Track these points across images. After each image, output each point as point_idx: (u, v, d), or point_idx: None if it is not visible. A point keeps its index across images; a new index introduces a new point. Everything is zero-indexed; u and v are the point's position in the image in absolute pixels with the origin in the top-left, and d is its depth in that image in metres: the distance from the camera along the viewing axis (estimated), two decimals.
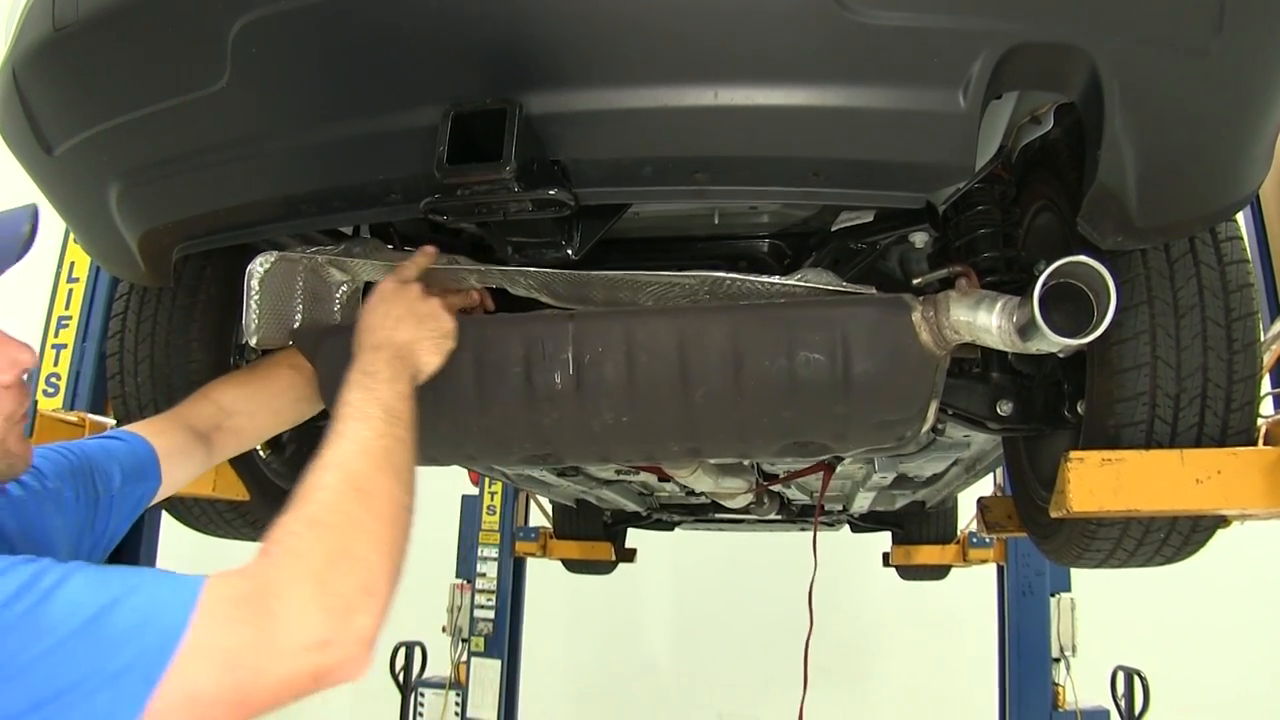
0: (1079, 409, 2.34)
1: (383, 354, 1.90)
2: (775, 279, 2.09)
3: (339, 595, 1.38)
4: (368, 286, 2.54)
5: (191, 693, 1.26)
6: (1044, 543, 2.67)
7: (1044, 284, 1.79)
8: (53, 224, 3.16)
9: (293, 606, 1.34)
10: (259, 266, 2.27)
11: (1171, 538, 2.37)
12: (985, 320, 1.93)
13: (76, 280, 4.09)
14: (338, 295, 2.49)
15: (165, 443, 2.15)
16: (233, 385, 2.37)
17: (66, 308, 4.05)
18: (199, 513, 2.95)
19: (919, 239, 2.35)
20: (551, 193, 1.76)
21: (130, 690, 1.24)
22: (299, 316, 2.39)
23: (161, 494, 2.16)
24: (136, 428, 2.17)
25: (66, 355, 4.01)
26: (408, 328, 1.98)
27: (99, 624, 1.26)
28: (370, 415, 1.70)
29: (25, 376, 1.67)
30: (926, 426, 2.15)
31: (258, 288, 2.27)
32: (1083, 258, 1.79)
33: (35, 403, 3.27)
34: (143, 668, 1.25)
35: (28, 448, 1.71)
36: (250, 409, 2.33)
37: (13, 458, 1.66)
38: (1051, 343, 1.83)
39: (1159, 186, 1.82)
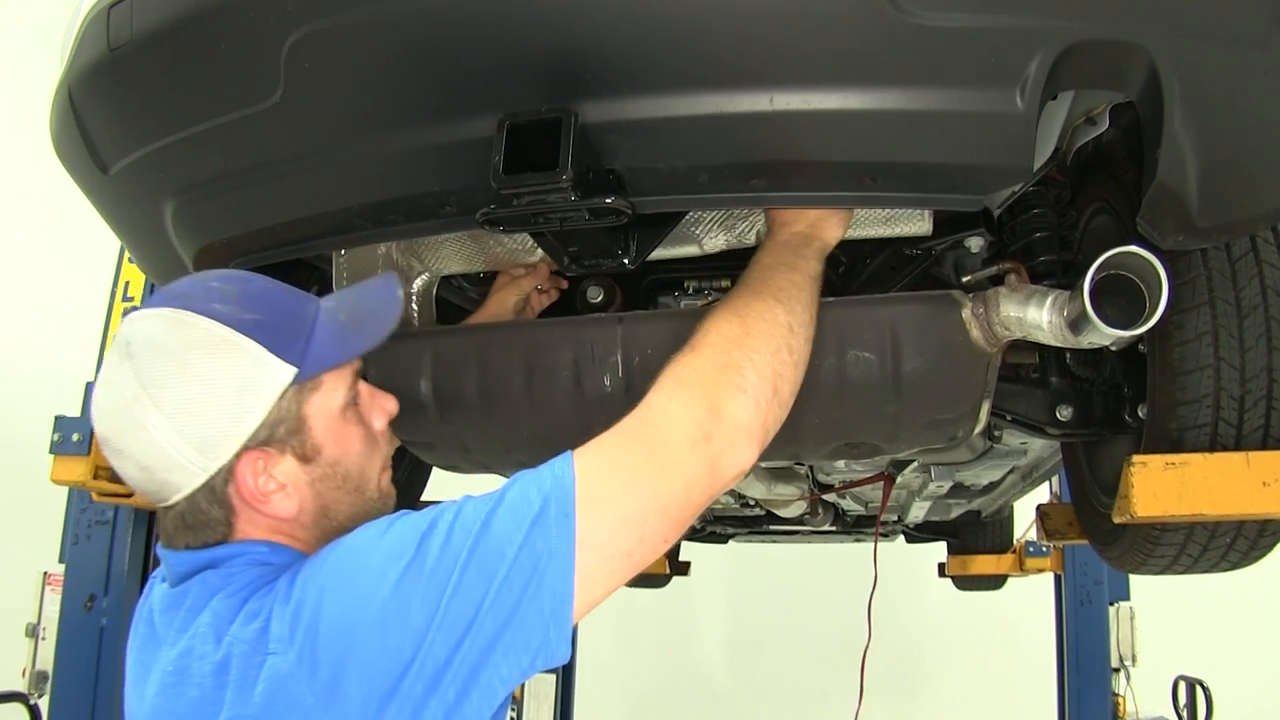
0: (1140, 413, 2.31)
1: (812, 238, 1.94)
2: None
3: (713, 396, 1.60)
4: (443, 281, 2.53)
5: (619, 517, 1.48)
6: (1106, 549, 2.64)
7: (1094, 275, 1.77)
8: (107, 243, 3.20)
9: (673, 415, 1.58)
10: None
11: (1237, 542, 2.33)
12: (1036, 315, 1.92)
13: (131, 300, 4.10)
14: (412, 290, 2.48)
15: None
16: None
17: None
18: None
19: (974, 244, 2.33)
20: (608, 201, 1.75)
21: (559, 557, 1.43)
22: None
23: None
24: None
25: None
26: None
27: (512, 522, 1.44)
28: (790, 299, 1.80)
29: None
30: (979, 427, 2.14)
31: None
32: (1134, 248, 1.77)
33: None
34: (556, 521, 1.45)
35: (394, 490, 1.83)
36: None
37: (387, 497, 1.77)
38: (1104, 335, 1.81)
39: (1220, 184, 1.79)
